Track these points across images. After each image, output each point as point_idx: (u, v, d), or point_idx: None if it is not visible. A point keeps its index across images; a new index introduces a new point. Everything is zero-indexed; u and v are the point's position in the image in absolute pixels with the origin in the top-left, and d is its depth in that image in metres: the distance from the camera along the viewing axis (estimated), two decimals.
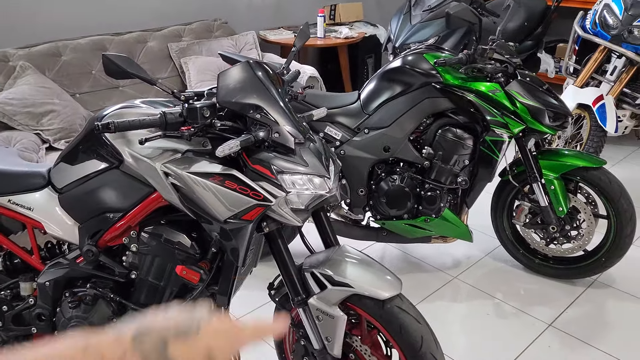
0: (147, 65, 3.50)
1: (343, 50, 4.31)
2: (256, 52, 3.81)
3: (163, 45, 3.61)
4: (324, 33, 4.10)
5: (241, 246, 1.35)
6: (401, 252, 2.74)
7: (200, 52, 3.63)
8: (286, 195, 1.33)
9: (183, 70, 3.58)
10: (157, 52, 3.58)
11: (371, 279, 1.43)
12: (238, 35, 3.87)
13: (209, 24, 3.90)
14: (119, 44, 3.44)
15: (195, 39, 3.73)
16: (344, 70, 4.40)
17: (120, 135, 1.40)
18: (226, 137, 1.35)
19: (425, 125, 2.28)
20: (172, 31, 3.72)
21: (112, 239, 1.45)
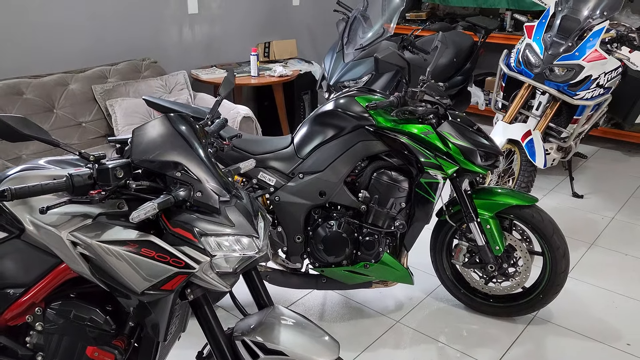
0: (68, 108, 3.31)
1: (278, 88, 4.27)
2: (187, 92, 3.70)
3: (87, 87, 3.43)
4: (257, 72, 4.05)
5: (162, 320, 1.22)
6: (342, 297, 2.65)
7: (127, 94, 3.48)
8: (211, 259, 1.22)
9: (109, 112, 3.40)
10: (80, 95, 3.39)
11: (307, 344, 1.33)
12: (168, 76, 3.74)
13: (136, 64, 3.76)
14: (37, 87, 3.24)
15: (121, 80, 3.58)
16: (280, 108, 4.36)
17: (21, 202, 1.25)
18: (143, 198, 1.24)
19: (360, 168, 2.24)
20: (96, 72, 3.55)
21: (13, 317, 1.28)
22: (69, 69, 3.49)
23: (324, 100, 4.06)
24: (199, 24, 4.26)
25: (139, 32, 3.89)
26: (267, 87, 4.42)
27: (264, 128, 4.10)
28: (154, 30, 3.98)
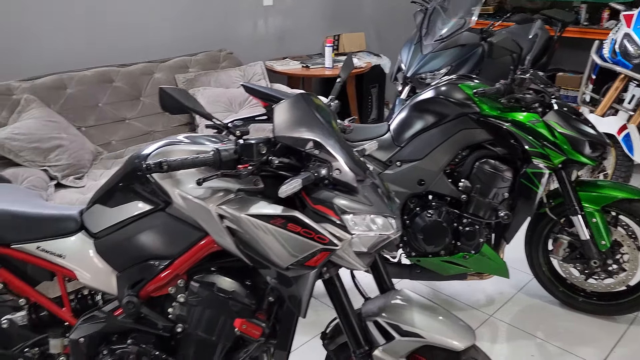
0: (154, 97, 3.39)
1: (350, 80, 4.26)
2: (265, 82, 3.73)
3: (170, 76, 3.51)
4: (332, 63, 4.05)
5: (304, 295, 1.22)
6: (430, 289, 2.62)
7: (209, 83, 3.54)
8: (351, 237, 1.21)
9: None
10: (164, 84, 3.47)
11: (442, 327, 1.31)
12: (245, 66, 3.79)
13: (214, 55, 3.82)
14: (126, 75, 3.33)
15: (202, 70, 3.64)
16: (351, 101, 4.34)
17: (167, 175, 1.27)
18: (280, 175, 1.24)
19: (461, 157, 2.20)
20: (177, 62, 3.63)
21: (156, 289, 1.31)
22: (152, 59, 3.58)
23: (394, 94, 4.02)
24: (272, 16, 4.29)
25: (214, 24, 3.95)
26: (336, 80, 4.40)
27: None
28: (230, 22, 4.03)
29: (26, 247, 1.37)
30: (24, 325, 1.41)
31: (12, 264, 1.40)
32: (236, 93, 3.48)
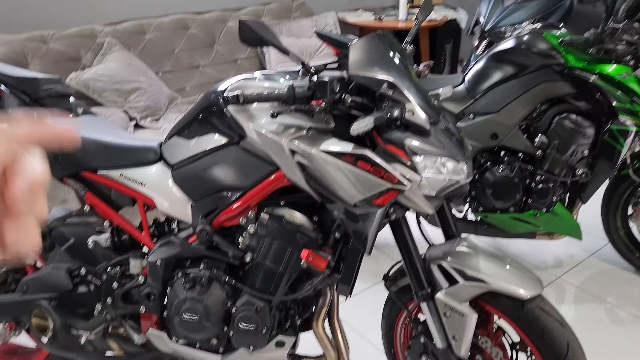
0: (227, 45, 3.45)
1: (424, 33, 4.13)
2: (336, 33, 3.69)
3: None
4: (406, 15, 3.93)
5: (369, 231, 1.24)
6: (495, 247, 2.57)
7: (281, 33, 3.54)
8: (421, 179, 1.20)
9: (263, 51, 3.50)
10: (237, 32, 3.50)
11: (509, 275, 1.29)
12: (317, 16, 3.75)
13: (287, 4, 3.81)
14: (201, 23, 3.40)
15: (274, 19, 3.65)
16: (423, 55, 4.22)
17: (242, 110, 1.30)
18: (351, 115, 1.24)
19: (540, 111, 2.10)
20: (251, 11, 3.65)
21: (228, 219, 1.37)
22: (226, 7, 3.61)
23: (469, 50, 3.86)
24: None
25: None
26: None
27: None
28: None
29: (110, 174, 1.47)
30: (108, 247, 1.52)
31: (97, 189, 1.50)
32: (307, 43, 3.47)
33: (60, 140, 0.41)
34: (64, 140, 0.41)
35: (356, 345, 1.96)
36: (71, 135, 0.41)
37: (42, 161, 0.38)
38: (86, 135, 1.47)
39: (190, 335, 1.40)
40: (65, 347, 1.52)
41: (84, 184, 1.51)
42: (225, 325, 1.39)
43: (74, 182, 1.50)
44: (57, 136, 0.41)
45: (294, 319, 1.44)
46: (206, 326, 1.37)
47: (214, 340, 1.42)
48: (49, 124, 0.40)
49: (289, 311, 1.44)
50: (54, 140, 0.40)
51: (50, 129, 0.40)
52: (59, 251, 1.55)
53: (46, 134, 0.40)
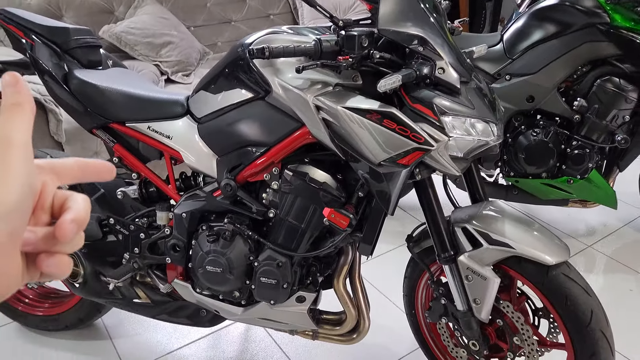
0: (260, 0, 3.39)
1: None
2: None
3: None
4: None
5: (393, 191, 1.22)
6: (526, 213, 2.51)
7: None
8: (448, 140, 1.17)
9: (296, 7, 3.43)
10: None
11: (534, 240, 1.26)
12: None
13: None
14: None
15: None
16: (462, 12, 4.07)
17: (269, 64, 1.28)
18: (380, 72, 1.20)
19: (581, 73, 2.01)
20: None
21: (252, 174, 1.37)
22: None
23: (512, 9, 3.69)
24: None
25: None
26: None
27: None
28: None
29: (138, 126, 1.48)
30: (136, 198, 1.55)
31: (126, 141, 1.52)
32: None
33: (100, 175, 0.45)
34: (103, 175, 0.45)
35: (378, 304, 1.98)
36: (110, 170, 0.45)
37: (87, 200, 0.41)
38: (115, 87, 1.48)
39: (213, 287, 1.43)
40: (95, 293, 1.57)
41: (112, 135, 1.53)
42: (247, 279, 1.42)
43: (103, 134, 1.52)
44: (97, 172, 0.45)
45: (315, 276, 1.45)
46: (229, 279, 1.39)
47: (236, 292, 1.45)
48: (90, 161, 0.44)
49: (311, 268, 1.45)
50: (94, 175, 0.45)
51: (91, 165, 0.44)
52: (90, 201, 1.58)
53: (88, 170, 0.44)
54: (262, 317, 1.48)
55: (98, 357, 1.76)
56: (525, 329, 1.34)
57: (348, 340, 1.52)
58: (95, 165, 0.44)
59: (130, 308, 1.61)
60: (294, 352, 1.78)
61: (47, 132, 2.26)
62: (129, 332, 1.87)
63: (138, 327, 1.89)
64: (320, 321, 1.53)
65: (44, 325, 1.83)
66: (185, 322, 1.60)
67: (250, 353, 1.78)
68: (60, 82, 1.49)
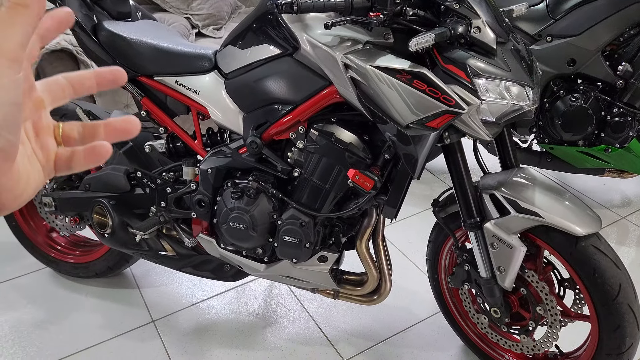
0: None
1: None
2: None
3: None
4: None
5: (420, 155, 1.19)
6: (558, 181, 2.45)
7: None
8: (481, 103, 1.13)
9: None
10: None
11: (564, 210, 1.23)
12: None
13: None
14: None
15: None
16: None
17: (298, 19, 1.25)
18: (413, 30, 1.15)
19: (627, 36, 1.90)
20: None
21: (277, 132, 1.35)
22: None
23: None
24: None
25: None
26: None
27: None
28: None
29: (166, 80, 1.47)
30: (163, 152, 1.56)
31: (154, 95, 1.52)
32: None
33: (111, 77, 0.43)
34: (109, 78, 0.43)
35: (402, 267, 1.98)
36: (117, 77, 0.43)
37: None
38: (143, 40, 1.47)
39: (236, 243, 1.45)
40: (122, 244, 1.61)
41: (140, 89, 1.53)
42: (271, 237, 1.42)
43: (131, 87, 1.52)
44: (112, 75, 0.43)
45: (338, 236, 1.45)
46: (252, 236, 1.40)
47: (259, 249, 1.46)
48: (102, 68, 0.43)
49: (334, 228, 1.45)
50: (108, 80, 0.43)
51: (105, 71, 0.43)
52: (118, 153, 1.60)
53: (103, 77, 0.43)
54: (285, 274, 1.49)
55: (126, 305, 1.83)
56: (549, 299, 1.32)
57: (369, 301, 1.53)
58: (111, 69, 0.43)
59: (157, 260, 1.65)
60: (315, 310, 1.80)
61: None
62: (156, 283, 1.92)
63: (165, 278, 1.94)
64: (342, 281, 1.54)
65: (75, 272, 1.90)
66: (209, 275, 1.63)
67: (272, 308, 1.81)
68: (89, 34, 1.49)
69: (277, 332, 1.72)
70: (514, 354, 1.53)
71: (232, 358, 1.63)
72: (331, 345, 1.67)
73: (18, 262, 2.02)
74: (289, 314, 1.79)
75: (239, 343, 1.68)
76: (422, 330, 1.72)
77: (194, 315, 1.79)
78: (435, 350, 1.65)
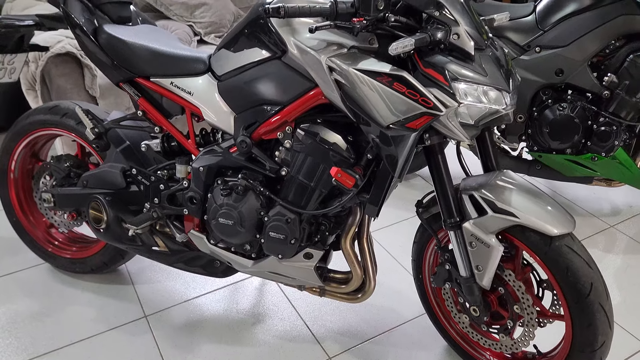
0: None
1: None
2: None
3: None
4: None
5: (400, 155, 1.24)
6: (550, 189, 2.49)
7: None
8: (458, 106, 1.18)
9: None
10: None
11: (539, 211, 1.27)
12: None
13: None
14: None
15: None
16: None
17: (286, 23, 1.31)
18: (396, 35, 1.21)
19: (613, 47, 1.95)
20: None
21: (266, 132, 1.41)
22: None
23: None
24: None
25: None
26: None
27: None
28: None
29: (162, 82, 1.53)
30: (158, 151, 1.62)
31: (150, 95, 1.58)
32: None
33: None
34: None
35: (392, 270, 2.03)
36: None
37: None
38: (141, 43, 1.54)
39: (225, 238, 1.50)
40: (116, 239, 1.67)
41: (138, 90, 1.59)
42: (258, 233, 1.47)
43: (128, 88, 1.59)
44: None
45: (324, 234, 1.50)
46: (239, 231, 1.45)
47: (247, 245, 1.51)
48: None
49: (320, 226, 1.50)
50: None
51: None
52: (115, 152, 1.67)
53: None
54: (272, 270, 1.54)
55: (120, 300, 1.88)
56: (525, 297, 1.36)
57: (353, 299, 1.57)
58: None
59: (149, 255, 1.70)
60: (304, 309, 1.84)
61: (83, 86, 2.35)
62: (150, 279, 1.97)
63: (159, 275, 1.99)
64: (328, 279, 1.59)
65: (72, 267, 1.95)
66: (200, 271, 1.68)
67: (262, 306, 1.86)
68: (90, 36, 1.56)
69: (266, 329, 1.77)
70: (493, 353, 1.56)
71: (220, 353, 1.68)
72: (317, 343, 1.71)
73: (18, 256, 2.08)
74: (278, 312, 1.83)
75: (228, 339, 1.73)
76: (408, 330, 1.76)
77: (185, 311, 1.84)
78: (419, 350, 1.69)
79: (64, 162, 1.80)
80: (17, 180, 1.95)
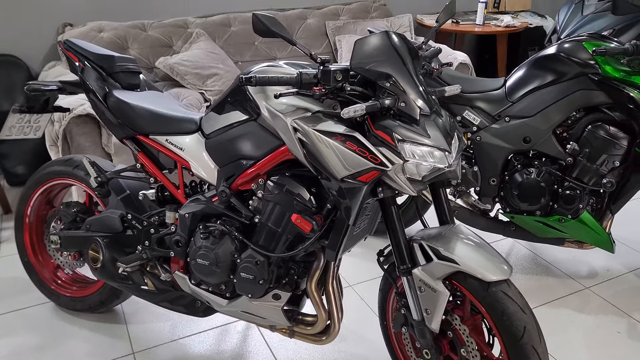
0: (304, 40, 3.71)
1: (502, 39, 4.11)
2: (410, 35, 3.81)
3: (321, 22, 3.79)
4: (483, 20, 3.95)
5: (354, 205, 1.41)
6: (530, 252, 2.59)
7: (355, 32, 3.74)
8: (403, 163, 1.35)
9: (336, 47, 3.72)
10: (315, 29, 3.76)
11: (479, 259, 1.40)
12: (394, 18, 3.90)
13: (367, 5, 3.99)
14: (282, 19, 3.69)
15: (351, 19, 3.85)
16: (500, 60, 4.21)
17: (261, 90, 1.53)
18: (355, 102, 1.41)
19: (574, 119, 2.12)
20: (331, 10, 3.88)
21: (242, 183, 1.60)
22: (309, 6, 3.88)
23: None
24: None
25: None
26: (491, 39, 4.28)
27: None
28: None
29: (159, 139, 1.76)
30: (153, 200, 1.83)
31: (148, 150, 1.81)
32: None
33: None
34: None
35: (368, 320, 2.13)
36: None
37: None
38: (143, 105, 1.78)
39: (203, 278, 1.66)
40: (110, 277, 1.85)
41: (138, 145, 1.83)
42: (231, 274, 1.64)
43: (130, 143, 1.83)
44: None
45: (292, 277, 1.65)
46: (215, 271, 1.62)
47: (222, 285, 1.67)
48: None
49: (290, 270, 1.65)
50: None
51: None
52: (116, 199, 1.88)
53: None
54: (244, 310, 1.68)
55: (112, 338, 2.03)
56: (470, 341, 1.46)
57: (318, 340, 1.69)
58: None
59: (138, 293, 1.87)
60: (282, 355, 1.96)
61: (100, 143, 2.62)
62: (143, 320, 2.13)
63: (150, 316, 2.15)
64: (298, 321, 1.71)
65: (72, 305, 2.13)
66: (182, 310, 1.83)
67: (242, 350, 1.98)
68: (100, 99, 1.82)
69: None
70: None
71: None
72: None
73: (26, 295, 2.27)
74: (257, 357, 1.95)
75: None
76: None
77: (171, 350, 1.97)
78: None
79: (72, 208, 2.02)
80: (32, 225, 2.17)
